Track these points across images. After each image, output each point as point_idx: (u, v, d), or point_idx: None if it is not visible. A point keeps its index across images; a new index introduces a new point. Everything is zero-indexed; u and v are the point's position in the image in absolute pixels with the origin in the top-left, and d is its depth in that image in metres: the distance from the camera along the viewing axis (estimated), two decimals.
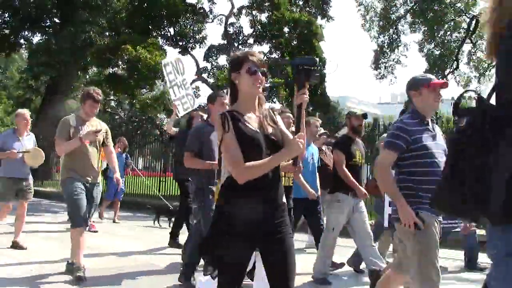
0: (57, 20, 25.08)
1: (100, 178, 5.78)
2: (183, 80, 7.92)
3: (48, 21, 25.34)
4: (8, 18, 24.62)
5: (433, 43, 25.54)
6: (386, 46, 26.48)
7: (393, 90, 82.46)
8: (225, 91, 5.54)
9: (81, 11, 23.14)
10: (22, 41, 26.38)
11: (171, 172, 16.64)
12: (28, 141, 7.29)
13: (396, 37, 26.54)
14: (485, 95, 1.75)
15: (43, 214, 12.51)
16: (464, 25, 25.29)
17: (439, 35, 25.12)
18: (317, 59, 3.04)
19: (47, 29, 25.19)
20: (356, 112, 5.99)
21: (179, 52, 19.12)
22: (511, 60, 1.59)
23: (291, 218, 5.09)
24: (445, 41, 25.07)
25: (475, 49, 25.89)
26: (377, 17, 26.38)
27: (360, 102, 69.80)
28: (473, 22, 24.36)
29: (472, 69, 26.29)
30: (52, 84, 23.60)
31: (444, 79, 25.74)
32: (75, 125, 5.33)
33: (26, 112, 7.45)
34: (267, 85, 17.93)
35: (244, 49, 19.97)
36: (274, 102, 18.29)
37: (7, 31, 25.07)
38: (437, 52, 25.48)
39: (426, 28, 25.10)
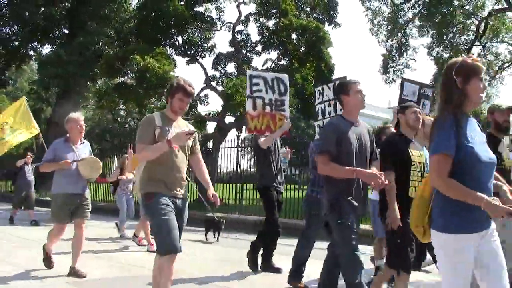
0: (66, 31, 25.29)
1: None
2: (275, 100, 6.62)
3: (57, 32, 25.56)
4: (17, 30, 24.88)
5: (441, 46, 25.41)
6: (395, 50, 26.40)
7: None
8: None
9: (90, 22, 23.32)
10: (31, 52, 26.65)
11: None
12: (83, 150, 6.27)
13: (405, 41, 26.46)
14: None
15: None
16: (473, 27, 25.14)
17: (448, 38, 24.99)
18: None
19: (56, 40, 25.40)
20: (500, 106, 4.86)
21: (188, 61, 19.15)
22: None
23: None
24: (454, 44, 24.91)
25: (485, 51, 25.74)
26: (385, 21, 26.32)
27: (369, 106, 69.58)
28: (482, 24, 24.22)
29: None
30: (62, 95, 23.75)
31: None
32: (161, 124, 4.19)
33: (79, 116, 6.36)
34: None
35: (252, 56, 20.09)
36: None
37: (16, 43, 25.33)
38: (446, 55, 25.31)
39: (434, 32, 24.98)
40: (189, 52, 18.72)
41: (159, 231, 4.00)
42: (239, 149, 13.62)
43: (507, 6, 22.71)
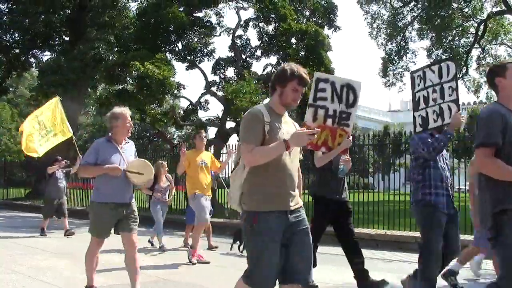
0: (66, 38, 25.35)
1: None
2: (341, 112, 5.34)
3: (57, 39, 25.63)
4: (18, 38, 24.95)
5: (441, 49, 25.49)
6: (394, 54, 26.49)
7: (402, 98, 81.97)
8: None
9: (90, 29, 23.38)
10: (32, 59, 26.70)
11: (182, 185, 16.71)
12: (129, 151, 5.33)
13: (404, 44, 26.57)
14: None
15: (55, 232, 12.50)
16: (472, 30, 25.22)
17: (447, 41, 25.08)
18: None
19: (56, 47, 25.47)
20: None
21: (188, 66, 19.17)
22: None
23: None
24: (454, 47, 25.00)
25: (484, 54, 25.81)
26: (384, 25, 26.45)
27: (370, 110, 69.52)
28: (481, 26, 24.28)
29: (481, 74, 26.16)
30: (62, 101, 23.74)
31: None
32: (269, 120, 3.41)
33: (127, 111, 5.30)
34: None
35: (252, 61, 20.10)
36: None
37: (17, 51, 25.39)
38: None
39: (434, 34, 25.08)
40: (189, 58, 18.76)
41: (256, 262, 3.32)
42: None
43: (505, 9, 22.78)
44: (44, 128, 8.73)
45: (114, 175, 4.99)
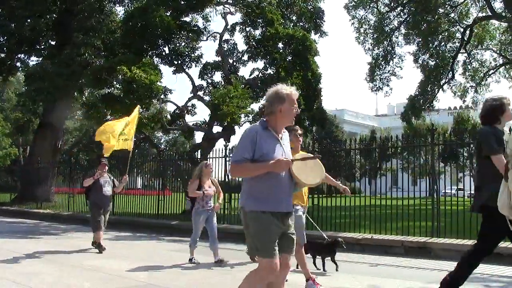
0: (53, 43, 25.18)
1: None
2: None
3: (44, 43, 25.45)
4: (4, 42, 24.72)
5: (427, 54, 25.71)
6: (381, 58, 26.64)
7: (389, 102, 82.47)
8: None
9: (76, 33, 23.25)
10: (18, 64, 26.46)
11: (170, 191, 16.69)
12: (286, 144, 3.99)
13: (391, 49, 26.73)
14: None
15: (42, 237, 12.38)
16: (458, 35, 25.46)
17: (434, 46, 25.30)
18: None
19: (43, 51, 25.29)
20: None
21: (174, 71, 19.11)
22: None
23: None
24: (440, 52, 25.24)
25: (470, 59, 26.07)
26: (371, 30, 26.59)
27: (357, 115, 69.82)
28: (467, 32, 24.53)
29: (468, 79, 26.42)
30: (49, 106, 23.61)
31: (441, 89, 25.98)
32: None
33: (295, 91, 3.89)
34: (263, 101, 17.93)
35: (239, 66, 20.14)
36: None
37: (3, 55, 25.15)
38: (432, 63, 25.63)
39: (420, 39, 25.27)
40: (175, 62, 18.72)
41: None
42: (227, 159, 13.61)
43: (491, 14, 23.03)
44: (123, 133, 9.56)
45: (280, 171, 3.71)
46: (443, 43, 25.70)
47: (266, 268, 3.63)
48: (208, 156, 13.81)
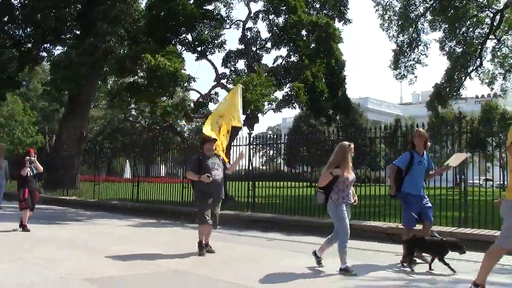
0: (77, 32, 25.46)
1: None
2: None
3: (68, 33, 25.75)
4: (30, 32, 25.10)
5: (454, 41, 25.11)
6: (406, 46, 26.17)
7: (414, 90, 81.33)
8: None
9: (100, 23, 23.43)
10: (44, 54, 26.88)
11: None
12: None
13: (416, 36, 26.20)
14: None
15: (69, 223, 12.56)
16: (488, 20, 24.80)
17: (461, 32, 24.70)
18: None
19: (67, 41, 25.60)
20: None
21: (197, 57, 19.08)
22: None
23: None
24: (468, 38, 24.61)
25: (500, 45, 25.37)
26: (396, 16, 26.09)
27: (381, 103, 69.04)
28: (497, 17, 23.88)
29: (496, 66, 25.74)
30: (74, 95, 23.92)
31: (468, 77, 25.44)
32: None
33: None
34: (287, 89, 17.81)
35: (262, 53, 20.04)
36: (294, 107, 18.11)
37: (29, 45, 25.55)
38: (459, 50, 25.04)
39: (447, 26, 24.71)
40: (198, 49, 18.71)
41: None
42: (251, 147, 13.59)
43: None
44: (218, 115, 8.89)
45: None
46: (471, 29, 25.06)
47: None
48: (232, 144, 13.78)
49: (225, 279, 5.94)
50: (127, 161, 22.07)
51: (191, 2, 17.73)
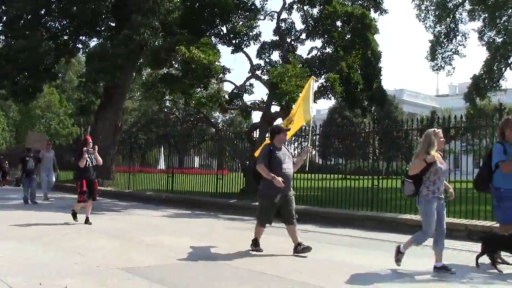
0: (112, 24, 25.76)
1: None
2: None
3: (103, 25, 26.08)
4: (66, 25, 25.53)
5: (494, 30, 24.40)
6: (443, 36, 25.61)
7: (451, 82, 79.55)
8: None
9: (135, 15, 23.63)
10: (79, 46, 27.32)
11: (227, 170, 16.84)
12: None
13: (454, 26, 25.61)
14: None
15: (105, 213, 12.77)
16: None
17: (501, 22, 23.96)
18: None
19: (103, 33, 25.95)
20: None
21: (233, 50, 19.08)
22: None
23: None
24: (508, 28, 23.85)
25: None
26: (433, 6, 25.55)
27: (417, 95, 67.82)
28: None
29: None
30: (109, 87, 24.25)
31: (508, 68, 24.69)
32: None
33: None
34: (322, 80, 17.64)
35: (297, 45, 19.85)
36: (330, 98, 17.93)
37: (66, 37, 26.00)
38: (499, 40, 24.31)
39: (486, 15, 24.03)
40: (233, 41, 18.66)
41: None
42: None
43: None
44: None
45: None
46: None
47: None
48: (266, 136, 13.72)
49: (263, 271, 5.90)
50: (161, 152, 22.30)
51: None
